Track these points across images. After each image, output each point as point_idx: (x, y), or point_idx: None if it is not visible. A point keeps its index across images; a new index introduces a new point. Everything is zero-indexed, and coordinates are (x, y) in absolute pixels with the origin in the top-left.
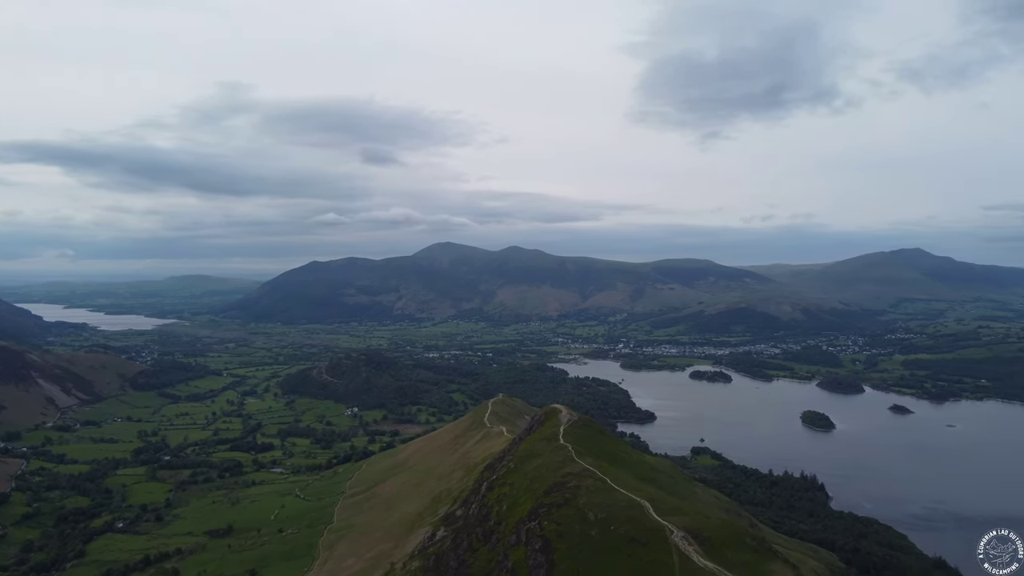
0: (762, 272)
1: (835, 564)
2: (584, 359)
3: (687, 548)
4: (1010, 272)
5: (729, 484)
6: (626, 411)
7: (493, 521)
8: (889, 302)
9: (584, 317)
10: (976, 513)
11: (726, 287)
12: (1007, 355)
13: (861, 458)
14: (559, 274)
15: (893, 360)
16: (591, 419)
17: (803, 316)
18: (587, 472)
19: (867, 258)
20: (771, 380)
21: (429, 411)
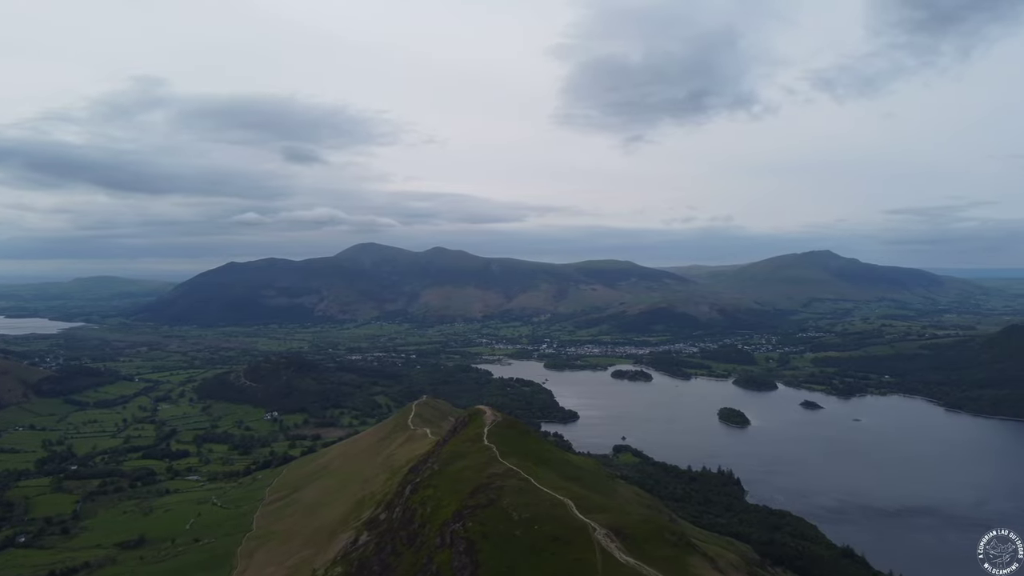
0: (681, 273)
1: (750, 556)
2: (508, 360)
3: (609, 545)
4: (910, 273)
5: (650, 481)
6: (550, 411)
7: (417, 524)
8: (801, 302)
9: (509, 318)
10: (881, 503)
11: (647, 288)
12: (908, 352)
13: (775, 453)
14: (484, 275)
15: (804, 358)
16: (515, 420)
17: (720, 316)
18: (511, 472)
19: (780, 259)
20: (690, 378)
21: (352, 414)
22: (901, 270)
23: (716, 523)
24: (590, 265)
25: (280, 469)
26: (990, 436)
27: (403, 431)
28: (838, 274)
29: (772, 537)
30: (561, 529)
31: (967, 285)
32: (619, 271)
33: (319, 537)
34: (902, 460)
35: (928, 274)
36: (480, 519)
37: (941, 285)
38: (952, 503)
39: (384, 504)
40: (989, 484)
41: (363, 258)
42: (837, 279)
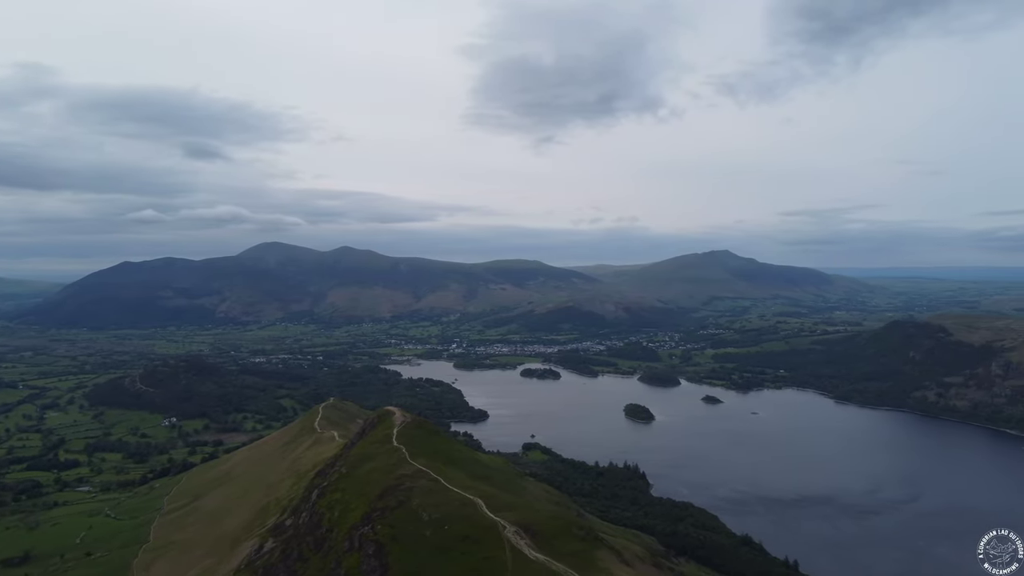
0: (588, 272)
1: (655, 547)
2: (418, 360)
3: (519, 542)
4: (803, 272)
5: (559, 477)
6: (459, 410)
7: (325, 529)
8: (702, 300)
9: (418, 318)
10: (779, 493)
11: (555, 287)
12: (801, 347)
13: (679, 447)
14: (392, 275)
15: (705, 354)
16: (425, 420)
17: (626, 314)
18: (421, 473)
19: (682, 259)
20: (597, 376)
21: (256, 418)
22: (795, 269)
23: (623, 517)
24: (500, 265)
25: (179, 477)
26: (876, 426)
27: (310, 434)
28: (737, 273)
29: (676, 528)
30: (471, 528)
31: (854, 283)
32: (528, 271)
33: (222, 546)
34: (798, 451)
35: (819, 273)
36: (389, 521)
37: (831, 283)
38: (846, 491)
39: (290, 509)
40: (879, 473)
41: (267, 258)
42: (736, 278)
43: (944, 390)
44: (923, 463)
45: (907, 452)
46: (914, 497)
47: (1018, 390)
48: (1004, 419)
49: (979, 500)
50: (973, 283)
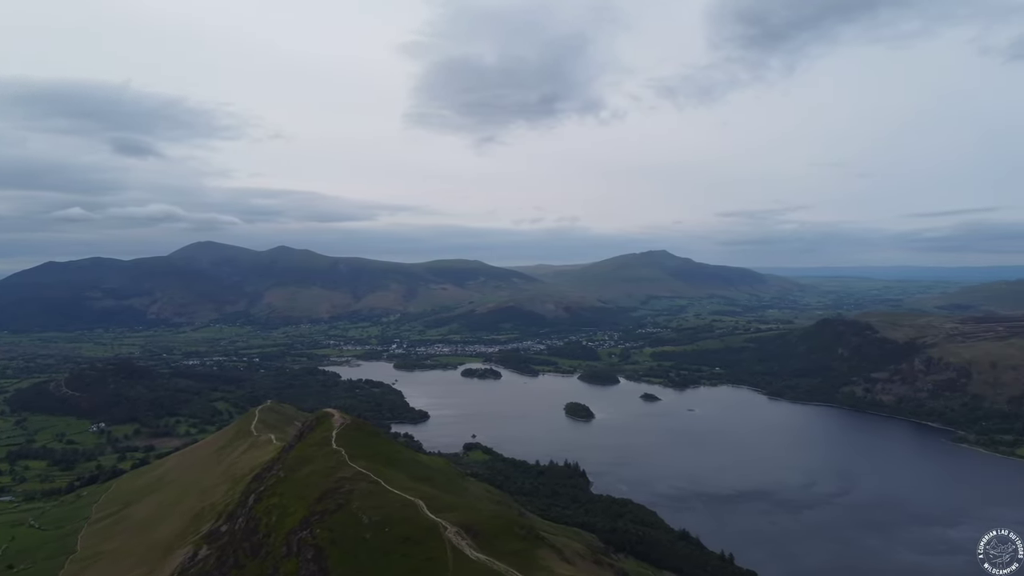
0: (529, 272)
1: (595, 544)
2: (357, 361)
3: (460, 543)
4: (737, 272)
5: (500, 477)
6: (400, 411)
7: (262, 534)
8: (640, 299)
9: (357, 318)
10: (715, 488)
11: (496, 287)
12: (735, 345)
13: (618, 444)
14: (331, 275)
15: (644, 352)
16: (365, 422)
17: (566, 314)
18: (361, 475)
19: (621, 259)
20: (537, 375)
21: (189, 422)
22: (730, 269)
23: (563, 515)
24: (440, 265)
25: (109, 484)
26: (808, 421)
27: (246, 438)
28: (674, 273)
29: (615, 525)
30: (412, 530)
31: (786, 283)
32: (469, 271)
33: (153, 554)
34: (734, 447)
35: (753, 273)
36: (328, 525)
37: (764, 282)
38: (782, 486)
39: (226, 515)
40: (813, 467)
41: (201, 257)
42: (673, 278)
43: (871, 385)
44: (854, 457)
45: (839, 446)
46: (846, 490)
47: (939, 385)
48: (926, 413)
49: (906, 492)
50: (898, 282)
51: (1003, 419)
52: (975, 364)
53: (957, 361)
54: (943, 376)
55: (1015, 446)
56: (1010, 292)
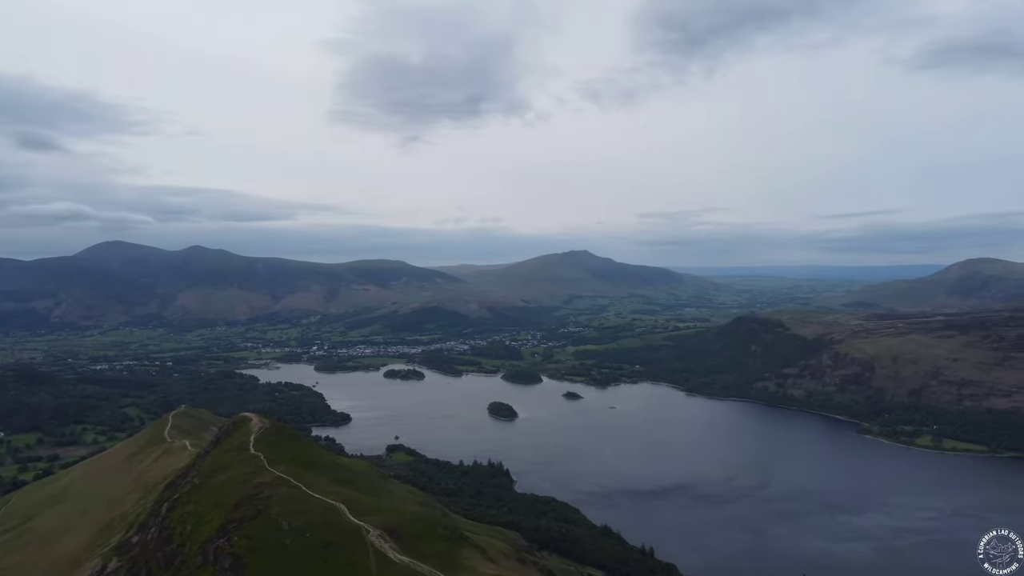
0: (452, 272)
1: (519, 543)
2: (277, 364)
3: (383, 546)
4: (657, 272)
5: (423, 478)
6: (321, 414)
7: (176, 544)
8: (562, 299)
9: (276, 320)
10: (637, 484)
11: (418, 287)
12: (655, 343)
13: (541, 443)
14: (248, 275)
15: (566, 351)
16: (284, 425)
17: (489, 314)
18: (280, 480)
19: (544, 259)
20: (461, 375)
21: (98, 430)
22: (649, 269)
23: (487, 514)
24: (362, 265)
25: (8, 497)
26: (724, 417)
27: (158, 444)
28: (595, 273)
29: (539, 523)
30: (334, 534)
31: (703, 282)
32: (391, 271)
33: (57, 569)
34: (655, 443)
35: (671, 272)
36: (247, 532)
37: (682, 282)
38: (702, 480)
39: (137, 526)
40: (729, 461)
41: (110, 257)
42: (594, 277)
43: (783, 380)
44: (768, 450)
45: (754, 441)
46: (762, 483)
47: (846, 379)
48: (834, 406)
49: (816, 483)
50: (807, 281)
51: (904, 411)
52: (878, 359)
53: (861, 356)
54: (849, 371)
55: (914, 436)
56: (909, 290)
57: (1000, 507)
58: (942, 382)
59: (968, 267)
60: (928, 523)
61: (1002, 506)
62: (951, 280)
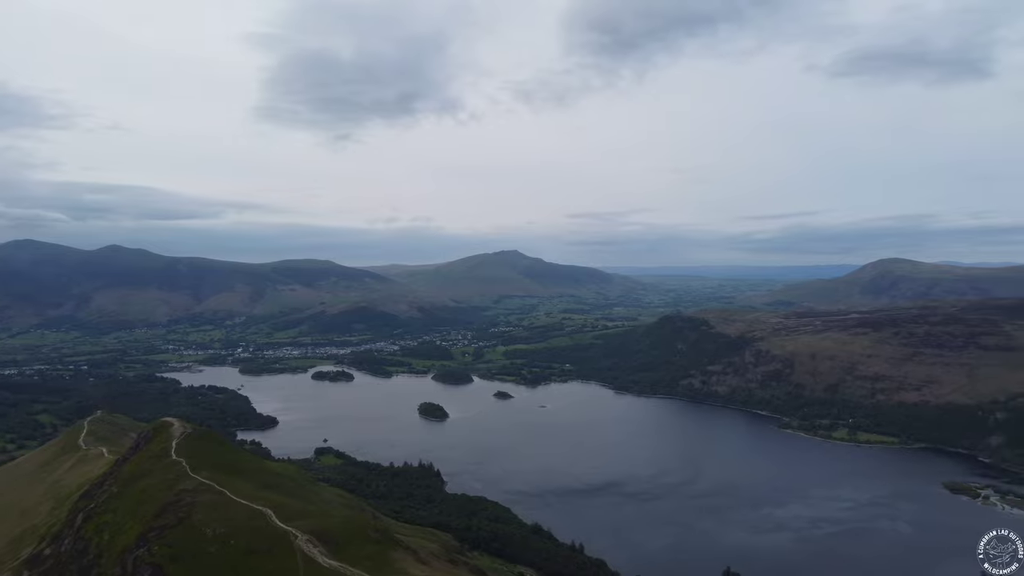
0: (382, 272)
1: (450, 543)
2: (199, 367)
3: (312, 551)
4: (585, 271)
5: (353, 481)
6: (247, 418)
7: (93, 555)
8: (493, 298)
9: (199, 321)
10: (567, 482)
11: (347, 287)
12: (584, 343)
13: (473, 443)
14: (170, 276)
15: (497, 351)
16: (208, 430)
17: (419, 314)
18: (204, 487)
19: (475, 259)
20: (391, 376)
21: (6, 438)
22: (578, 268)
23: (418, 516)
24: (289, 265)
25: None
26: (652, 414)
27: (73, 452)
28: (526, 272)
29: (470, 523)
30: (260, 540)
31: (631, 282)
32: (319, 271)
33: None
34: (586, 441)
35: (600, 272)
36: (168, 540)
37: (611, 282)
38: (632, 477)
39: (50, 537)
40: (658, 458)
41: (20, 256)
42: (524, 277)
43: (707, 377)
44: (695, 447)
45: (682, 437)
46: (689, 479)
47: (767, 375)
48: (756, 402)
49: (740, 477)
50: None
51: (821, 405)
52: (797, 356)
53: (782, 353)
54: (770, 367)
55: (831, 429)
56: (826, 289)
57: (909, 496)
58: (857, 377)
59: (880, 267)
60: (844, 513)
61: (911, 495)
62: (865, 279)
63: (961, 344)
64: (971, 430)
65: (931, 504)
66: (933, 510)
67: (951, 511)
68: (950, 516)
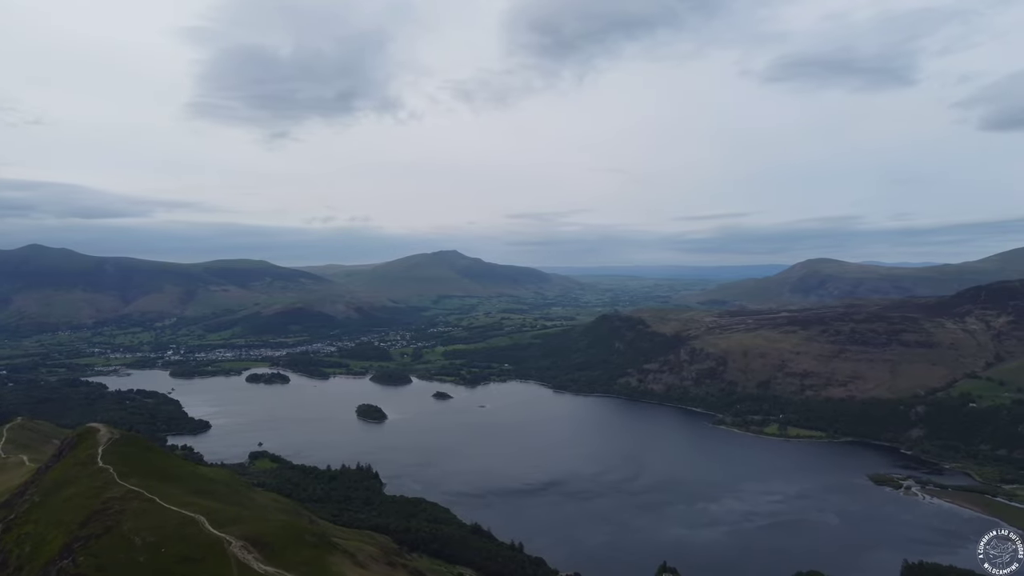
0: (318, 272)
1: (389, 546)
2: (127, 370)
3: (247, 557)
4: (524, 271)
5: (289, 485)
6: (178, 422)
7: (13, 568)
8: (431, 299)
9: (127, 324)
10: (508, 482)
11: (283, 288)
12: (523, 342)
13: (411, 444)
14: (95, 276)
15: (436, 351)
16: (137, 436)
17: (357, 314)
18: (133, 494)
19: (413, 259)
20: (328, 378)
21: None
22: (517, 268)
23: (356, 518)
24: (221, 265)
25: None
26: (590, 412)
27: None
28: (464, 272)
29: (409, 525)
30: (192, 548)
31: (569, 281)
32: (253, 271)
33: None
34: (525, 440)
35: (539, 272)
36: (94, 551)
37: (549, 281)
38: (573, 476)
39: None
40: (597, 456)
41: None
42: (463, 277)
43: (644, 376)
44: (633, 444)
45: (620, 435)
46: (627, 477)
47: (701, 373)
48: (691, 399)
49: (676, 473)
50: (666, 280)
51: (753, 402)
52: (730, 354)
53: (715, 351)
54: (704, 365)
55: (763, 425)
56: (757, 289)
57: (837, 489)
58: (787, 374)
59: (809, 267)
60: (775, 506)
61: (838, 488)
62: (794, 279)
63: (884, 341)
64: (893, 424)
65: (856, 496)
66: (858, 501)
67: (875, 502)
68: (874, 507)
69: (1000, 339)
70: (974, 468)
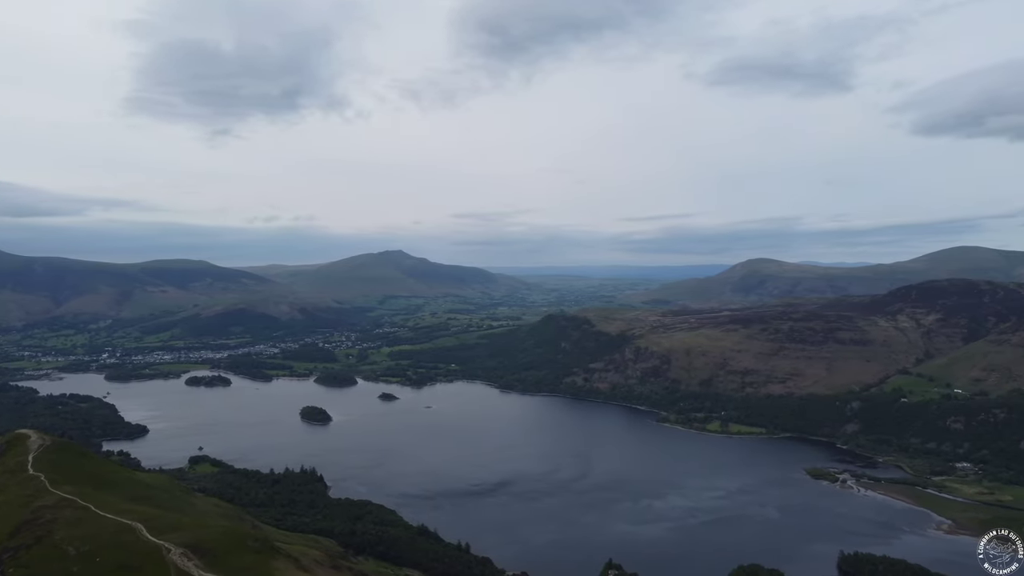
0: (261, 273)
1: (334, 549)
2: (60, 374)
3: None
4: (470, 271)
5: (231, 489)
6: (113, 427)
7: None
8: (377, 299)
9: (59, 325)
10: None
11: (223, 288)
12: (469, 342)
13: (357, 446)
14: (25, 277)
15: (381, 352)
16: (70, 442)
17: (301, 315)
18: (66, 502)
19: (358, 259)
20: (271, 380)
21: None
22: (463, 268)
23: (300, 522)
24: (159, 265)
25: None
26: (537, 412)
27: None
28: (410, 272)
29: (354, 528)
30: (129, 556)
31: (515, 281)
32: (192, 271)
33: None
34: (472, 441)
35: (485, 272)
36: (24, 562)
37: (495, 281)
38: (520, 476)
39: None
40: (545, 455)
41: None
42: (409, 277)
43: (589, 375)
44: (580, 443)
45: (567, 434)
46: (574, 476)
47: (646, 372)
48: (636, 397)
49: (623, 471)
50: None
51: (696, 399)
52: (674, 352)
53: (659, 350)
54: (648, 364)
55: (706, 422)
56: (700, 288)
57: (776, 483)
58: (728, 372)
59: (749, 267)
60: (717, 502)
61: (778, 482)
62: (735, 278)
63: (821, 339)
64: (830, 419)
65: (795, 490)
66: (797, 495)
67: (813, 495)
68: (812, 500)
69: (930, 336)
70: (905, 461)
